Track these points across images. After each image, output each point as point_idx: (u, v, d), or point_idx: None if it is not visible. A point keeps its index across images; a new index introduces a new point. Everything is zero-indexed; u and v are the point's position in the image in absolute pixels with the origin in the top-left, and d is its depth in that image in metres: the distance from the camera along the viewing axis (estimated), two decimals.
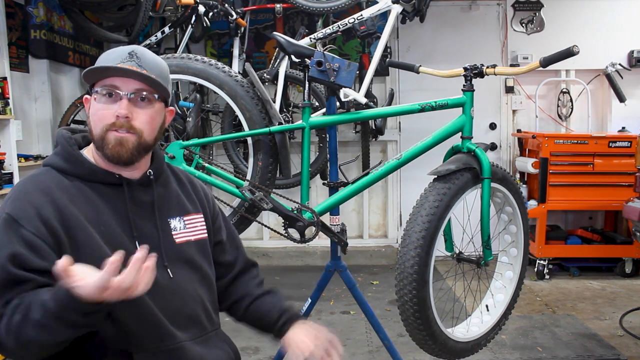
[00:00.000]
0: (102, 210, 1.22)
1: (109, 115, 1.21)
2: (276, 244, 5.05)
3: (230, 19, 3.77)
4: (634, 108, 4.85)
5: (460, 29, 4.98)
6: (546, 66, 2.03)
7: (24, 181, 1.23)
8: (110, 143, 1.21)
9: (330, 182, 2.33)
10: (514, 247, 2.45)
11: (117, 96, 1.21)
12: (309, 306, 2.34)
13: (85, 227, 1.17)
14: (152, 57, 1.28)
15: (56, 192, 1.19)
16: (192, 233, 1.36)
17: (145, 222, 1.27)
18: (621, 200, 3.74)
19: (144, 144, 1.25)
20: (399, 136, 5.07)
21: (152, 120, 1.26)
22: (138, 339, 1.20)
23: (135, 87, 1.22)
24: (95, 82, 1.24)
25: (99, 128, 1.22)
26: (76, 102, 4.14)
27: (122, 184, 1.26)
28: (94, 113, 1.23)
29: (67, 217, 1.16)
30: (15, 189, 1.21)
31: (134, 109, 1.22)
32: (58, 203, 1.17)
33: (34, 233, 1.12)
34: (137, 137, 1.23)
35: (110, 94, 1.21)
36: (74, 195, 1.20)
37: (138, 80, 1.22)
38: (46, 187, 1.19)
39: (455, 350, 2.22)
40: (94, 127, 1.23)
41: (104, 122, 1.21)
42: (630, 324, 3.38)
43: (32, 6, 3.89)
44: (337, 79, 2.17)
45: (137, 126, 1.23)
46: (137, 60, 1.23)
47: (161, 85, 1.25)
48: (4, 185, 3.30)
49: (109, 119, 1.21)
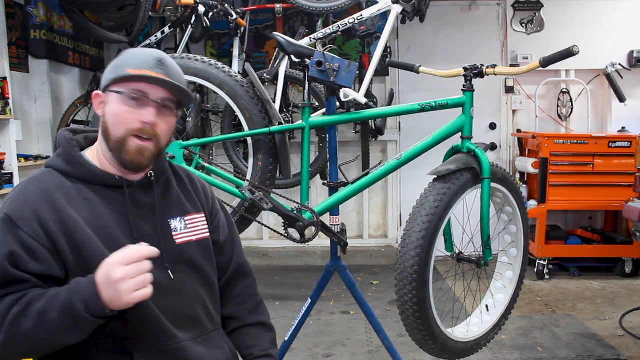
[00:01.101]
0: (103, 212, 1.22)
1: (133, 120, 1.20)
2: (276, 244, 5.05)
3: (230, 19, 3.77)
4: (634, 108, 4.85)
5: (460, 29, 4.99)
6: (546, 66, 2.03)
7: (25, 182, 1.23)
8: (130, 149, 1.21)
9: (330, 182, 2.33)
10: (514, 247, 2.45)
11: (143, 102, 1.21)
12: (309, 306, 2.34)
13: (84, 230, 1.17)
14: (175, 65, 1.30)
15: (56, 194, 1.18)
16: (193, 233, 1.35)
17: (146, 223, 1.27)
18: (621, 200, 3.74)
19: (160, 150, 1.27)
20: (399, 136, 5.07)
21: (171, 127, 1.29)
22: (139, 339, 1.20)
23: (162, 96, 1.23)
24: (116, 81, 1.22)
25: (120, 131, 1.21)
26: (76, 102, 4.15)
27: (123, 186, 1.26)
28: (115, 114, 1.21)
29: (66, 220, 1.16)
30: (16, 190, 1.21)
31: (158, 117, 1.24)
32: (57, 205, 1.17)
33: (30, 235, 1.12)
34: (155, 144, 1.24)
35: (137, 98, 1.21)
36: (74, 198, 1.20)
37: (168, 89, 1.24)
38: (46, 189, 1.19)
39: (455, 350, 2.23)
40: (114, 128, 1.21)
41: (127, 126, 1.21)
42: (630, 324, 3.38)
43: (32, 6, 3.89)
44: (337, 79, 2.17)
45: (159, 133, 1.24)
46: (166, 69, 1.24)
47: (188, 94, 1.27)
48: (4, 185, 3.30)
49: (134, 124, 1.20)
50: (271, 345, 1.43)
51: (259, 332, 1.43)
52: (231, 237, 1.48)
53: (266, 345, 1.41)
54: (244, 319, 1.43)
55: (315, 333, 3.30)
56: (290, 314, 3.55)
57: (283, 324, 3.31)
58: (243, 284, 1.48)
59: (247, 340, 1.41)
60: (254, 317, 1.45)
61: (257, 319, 1.45)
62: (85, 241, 1.16)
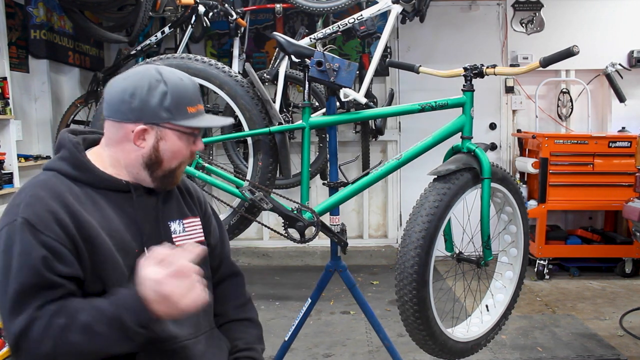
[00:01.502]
0: (111, 216, 1.22)
1: (188, 153, 1.30)
2: (276, 244, 5.05)
3: (230, 19, 3.77)
4: (634, 108, 4.85)
5: (460, 29, 4.99)
6: (546, 66, 2.03)
7: (32, 186, 1.18)
8: (178, 177, 1.32)
9: (330, 182, 2.33)
10: (514, 247, 2.45)
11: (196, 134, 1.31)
12: (309, 306, 2.34)
13: (99, 234, 1.16)
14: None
15: (69, 198, 1.16)
16: (191, 236, 1.36)
17: (150, 226, 1.28)
18: (621, 200, 3.74)
19: None
20: (399, 136, 5.07)
21: None
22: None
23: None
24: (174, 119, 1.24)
25: (174, 163, 1.28)
26: (76, 102, 4.15)
27: (129, 190, 1.26)
28: (176, 151, 1.26)
29: (82, 224, 1.14)
30: (24, 195, 1.16)
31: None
32: (72, 209, 1.15)
33: (54, 239, 1.10)
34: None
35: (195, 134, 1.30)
36: (85, 203, 1.19)
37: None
38: (59, 192, 1.17)
39: (455, 350, 2.23)
40: (170, 162, 1.27)
41: (180, 159, 1.29)
42: (630, 324, 3.38)
43: (32, 6, 3.89)
44: (337, 79, 2.17)
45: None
46: (200, 100, 1.31)
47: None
48: (4, 185, 3.30)
49: (188, 155, 1.31)
50: (256, 340, 1.45)
51: (244, 327, 1.45)
52: (221, 240, 1.50)
53: (250, 340, 1.43)
54: (230, 315, 1.45)
55: (315, 333, 3.30)
56: (290, 314, 3.55)
57: (283, 324, 3.32)
58: (231, 283, 1.50)
59: (231, 334, 1.42)
60: (241, 313, 1.47)
61: (244, 316, 1.47)
62: (101, 245, 1.15)
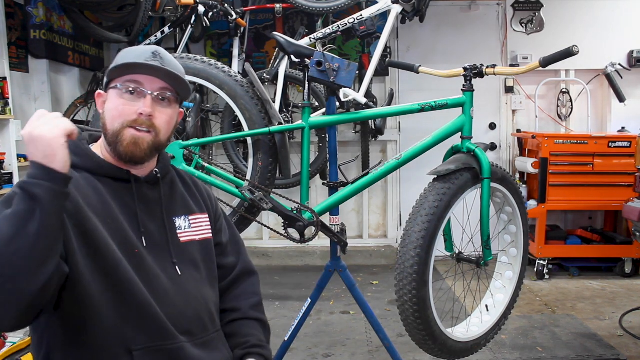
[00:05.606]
0: (110, 203, 1.22)
1: (130, 112, 1.21)
2: (276, 244, 5.05)
3: (230, 19, 3.77)
4: (634, 108, 4.85)
5: (460, 29, 4.99)
6: (546, 66, 2.04)
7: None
8: (125, 141, 1.21)
9: (330, 182, 2.33)
10: (514, 247, 2.46)
11: (140, 94, 1.22)
12: (308, 306, 2.34)
13: (91, 218, 1.16)
14: (172, 58, 1.30)
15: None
16: (197, 233, 1.36)
17: (152, 219, 1.28)
18: (621, 200, 3.74)
19: (158, 143, 1.26)
20: (399, 136, 5.07)
21: (171, 120, 1.28)
22: (139, 337, 1.19)
23: (159, 86, 1.24)
24: (114, 78, 1.24)
25: (117, 123, 1.21)
26: (76, 102, 4.14)
27: (131, 180, 1.26)
28: (113, 108, 1.22)
29: (76, 207, 1.14)
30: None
31: (156, 108, 1.24)
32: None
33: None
34: (153, 136, 1.24)
35: (133, 91, 1.22)
36: (83, 187, 1.19)
37: (164, 80, 1.24)
38: None
39: (455, 350, 2.23)
40: (111, 122, 1.22)
41: (124, 118, 1.21)
42: (630, 324, 3.38)
43: (32, 6, 3.89)
44: (337, 79, 2.17)
45: (157, 125, 1.24)
46: (161, 60, 1.24)
47: (185, 84, 1.28)
48: (4, 186, 3.30)
49: (130, 115, 1.21)
50: (267, 341, 1.45)
51: (257, 326, 1.44)
52: (234, 238, 1.50)
53: (263, 338, 1.43)
54: (245, 312, 1.44)
55: (315, 333, 3.30)
56: (290, 314, 3.54)
57: (283, 324, 3.31)
58: (248, 282, 1.49)
59: (245, 329, 1.42)
60: (255, 313, 1.46)
61: (258, 316, 1.46)
62: (93, 230, 1.15)
